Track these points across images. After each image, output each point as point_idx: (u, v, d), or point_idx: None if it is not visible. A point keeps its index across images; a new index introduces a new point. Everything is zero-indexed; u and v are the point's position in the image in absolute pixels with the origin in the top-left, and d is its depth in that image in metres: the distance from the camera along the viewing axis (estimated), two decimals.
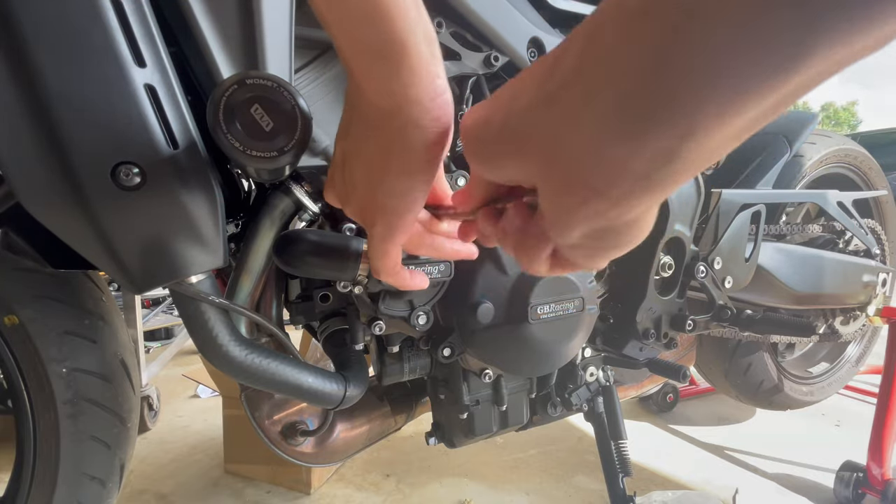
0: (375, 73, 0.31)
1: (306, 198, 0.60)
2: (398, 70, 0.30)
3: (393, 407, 0.86)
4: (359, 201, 0.37)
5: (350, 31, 0.30)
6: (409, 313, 0.66)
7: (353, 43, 0.31)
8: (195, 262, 0.48)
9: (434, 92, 0.31)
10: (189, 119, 0.46)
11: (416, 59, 0.30)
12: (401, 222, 0.35)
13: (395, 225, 0.35)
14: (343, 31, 0.31)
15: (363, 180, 0.35)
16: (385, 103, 0.32)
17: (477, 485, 1.36)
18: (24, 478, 0.72)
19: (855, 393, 1.85)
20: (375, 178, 0.34)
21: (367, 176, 0.35)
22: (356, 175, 0.36)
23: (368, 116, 0.33)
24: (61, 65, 0.40)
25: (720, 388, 1.55)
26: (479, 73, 0.68)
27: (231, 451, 1.43)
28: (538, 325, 0.70)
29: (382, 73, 0.31)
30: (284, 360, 0.57)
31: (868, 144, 1.68)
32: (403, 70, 0.30)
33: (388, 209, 0.35)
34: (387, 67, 0.30)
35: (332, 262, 0.56)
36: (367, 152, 0.34)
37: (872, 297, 1.29)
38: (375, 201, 0.35)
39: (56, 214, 0.44)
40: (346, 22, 0.30)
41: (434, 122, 0.32)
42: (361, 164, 0.35)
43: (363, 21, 0.29)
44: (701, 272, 0.87)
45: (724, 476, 1.42)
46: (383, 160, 0.33)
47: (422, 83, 0.31)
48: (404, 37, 0.29)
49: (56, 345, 0.68)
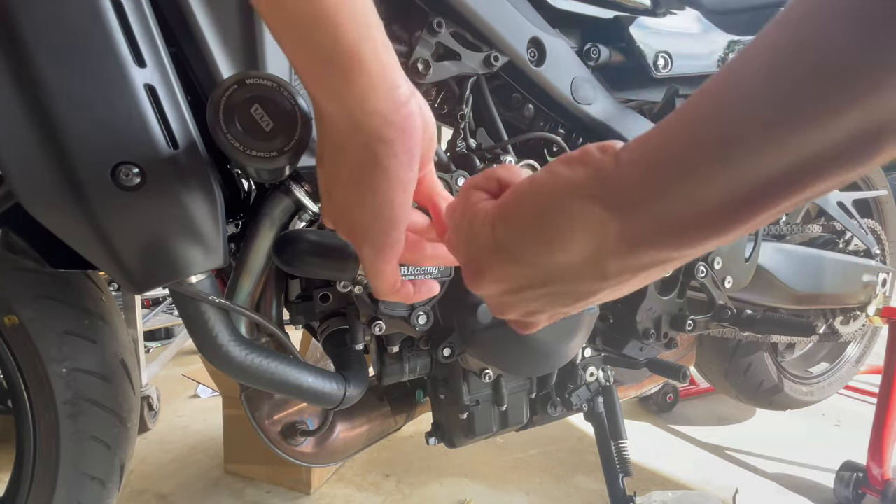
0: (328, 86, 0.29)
1: (306, 198, 0.60)
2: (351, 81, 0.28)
3: (393, 407, 0.86)
4: (345, 225, 0.36)
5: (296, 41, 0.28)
6: (409, 313, 0.66)
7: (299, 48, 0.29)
8: (195, 262, 0.48)
9: (395, 102, 0.30)
10: (189, 119, 0.46)
11: (370, 67, 0.28)
12: (387, 240, 0.34)
13: (381, 244, 0.34)
14: (289, 41, 0.29)
15: (343, 203, 0.34)
16: (345, 120, 0.30)
17: (477, 485, 1.36)
18: (24, 478, 0.72)
19: (855, 393, 1.85)
20: (353, 200, 0.33)
21: (345, 199, 0.34)
22: (336, 199, 0.35)
23: (333, 138, 0.32)
24: (61, 65, 0.40)
25: (720, 388, 1.55)
26: (479, 73, 0.68)
27: (231, 451, 1.43)
28: None
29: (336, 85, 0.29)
30: (284, 360, 0.57)
31: None
32: (358, 80, 0.28)
33: (371, 230, 0.34)
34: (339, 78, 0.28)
35: (332, 262, 0.56)
36: (340, 175, 0.33)
37: (872, 297, 1.29)
38: (358, 223, 0.34)
39: (56, 214, 0.44)
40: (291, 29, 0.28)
41: (400, 133, 0.30)
42: (338, 188, 0.34)
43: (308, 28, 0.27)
44: (701, 272, 0.87)
45: (724, 476, 1.42)
46: (355, 181, 0.32)
47: (379, 94, 0.29)
48: (355, 45, 0.27)
49: (56, 345, 0.68)
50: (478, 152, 0.72)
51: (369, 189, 0.32)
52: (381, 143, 0.30)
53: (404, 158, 0.31)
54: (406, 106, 0.30)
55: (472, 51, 0.66)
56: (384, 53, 0.29)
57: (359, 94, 0.29)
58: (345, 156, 0.32)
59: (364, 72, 0.28)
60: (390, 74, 0.29)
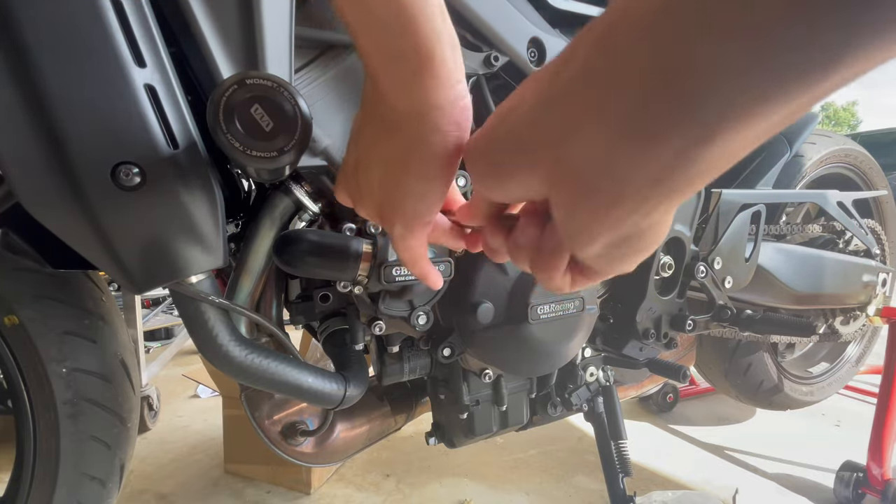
0: (399, 78, 0.30)
1: (306, 198, 0.60)
2: (422, 76, 0.30)
3: (393, 407, 0.86)
4: (375, 202, 0.37)
5: (374, 36, 0.30)
6: (409, 313, 0.66)
7: (377, 48, 0.30)
8: (195, 262, 0.48)
9: (455, 97, 0.31)
10: (189, 119, 0.46)
11: (440, 65, 0.30)
12: (419, 222, 0.35)
13: (413, 225, 0.35)
14: (367, 36, 0.30)
15: (379, 182, 0.35)
16: (406, 107, 0.31)
17: (477, 485, 1.36)
18: (24, 478, 0.72)
19: (855, 393, 1.85)
20: (393, 181, 0.34)
21: (384, 178, 0.35)
22: (372, 177, 0.36)
23: (387, 119, 0.33)
24: (61, 65, 0.40)
25: (720, 388, 1.54)
26: (479, 73, 0.68)
27: (231, 451, 1.43)
28: (538, 326, 0.70)
29: (406, 78, 0.30)
30: (284, 360, 0.57)
31: (868, 144, 1.68)
32: (427, 76, 0.30)
33: (406, 211, 0.35)
34: (411, 73, 0.30)
35: (332, 262, 0.56)
36: (384, 155, 0.34)
37: (872, 297, 1.29)
38: (393, 203, 0.35)
39: (56, 214, 0.44)
40: (371, 26, 0.29)
41: (454, 126, 0.31)
42: (378, 167, 0.35)
43: (389, 27, 0.29)
44: (701, 272, 0.87)
45: (724, 476, 1.42)
46: (402, 163, 0.33)
47: (445, 89, 0.30)
48: (431, 44, 0.29)
49: (56, 345, 0.68)
50: None
51: (415, 173, 0.33)
52: (437, 133, 0.31)
53: (453, 150, 0.32)
54: (463, 100, 0.32)
55: (472, 51, 0.66)
56: (453, 50, 0.30)
57: (427, 89, 0.30)
58: (397, 138, 0.33)
59: (433, 68, 0.30)
60: (455, 71, 0.31)
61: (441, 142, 0.32)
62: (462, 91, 0.31)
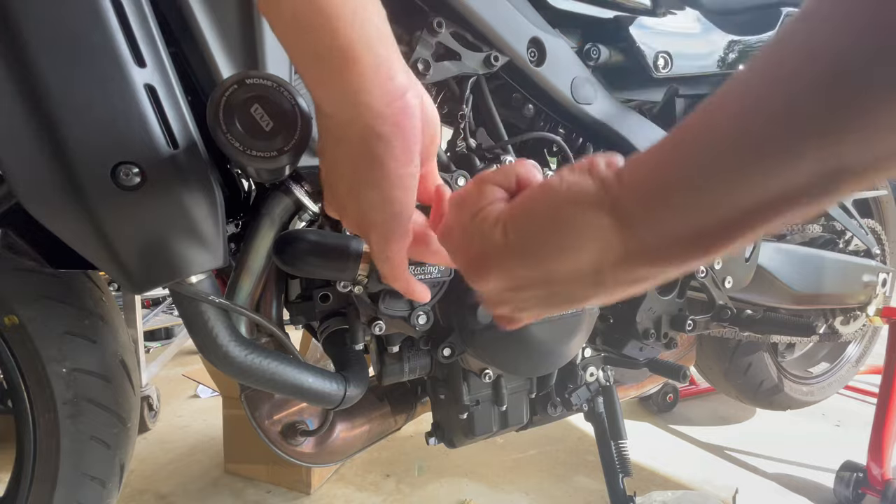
0: (323, 81, 0.29)
1: (306, 198, 0.60)
2: (344, 75, 0.28)
3: (393, 407, 0.86)
4: (351, 215, 0.36)
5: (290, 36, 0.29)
6: (409, 313, 0.66)
7: (295, 47, 0.29)
8: (195, 262, 0.48)
9: (389, 96, 0.29)
10: (189, 119, 0.46)
11: (364, 62, 0.28)
12: (392, 231, 0.34)
13: (387, 234, 0.34)
14: (284, 35, 0.29)
15: (346, 196, 0.35)
16: (340, 113, 0.30)
17: (477, 485, 1.36)
18: (24, 478, 0.72)
19: (855, 393, 1.85)
20: (353, 194, 0.33)
21: (347, 192, 0.34)
22: (339, 191, 0.35)
23: (330, 130, 0.32)
24: (61, 65, 0.40)
25: (720, 388, 1.55)
26: (479, 73, 0.68)
27: (231, 451, 1.43)
28: (538, 325, 0.70)
29: (330, 79, 0.29)
30: (284, 360, 0.57)
31: None
32: (351, 75, 0.28)
33: (373, 221, 0.34)
34: (333, 73, 0.28)
35: (332, 262, 0.56)
36: (339, 168, 0.33)
37: (872, 297, 1.29)
38: (362, 214, 0.34)
39: (56, 214, 0.43)
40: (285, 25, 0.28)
41: (394, 128, 0.30)
42: (339, 181, 0.34)
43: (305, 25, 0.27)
44: (701, 272, 0.87)
45: (724, 476, 1.42)
46: (354, 175, 0.32)
47: (372, 87, 0.29)
48: (348, 40, 0.27)
49: (56, 345, 0.68)
50: (478, 152, 0.72)
51: (368, 184, 0.32)
52: (375, 138, 0.30)
53: (400, 154, 0.31)
54: (401, 99, 0.30)
55: (472, 51, 0.66)
56: (380, 46, 0.29)
57: (351, 88, 0.29)
58: (343, 150, 0.32)
59: (357, 66, 0.28)
60: (384, 67, 0.29)
61: (384, 148, 0.30)
62: (399, 88, 0.30)
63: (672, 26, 0.85)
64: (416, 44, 0.63)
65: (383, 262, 0.37)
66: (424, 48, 0.63)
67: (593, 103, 0.75)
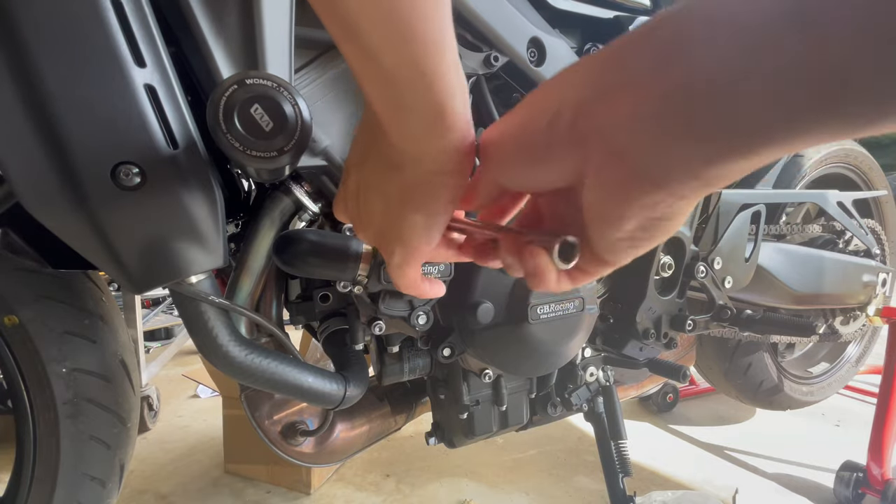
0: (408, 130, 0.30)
1: (306, 198, 0.60)
2: (433, 129, 0.29)
3: (393, 407, 0.86)
4: (375, 230, 0.37)
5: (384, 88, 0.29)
6: (409, 313, 0.66)
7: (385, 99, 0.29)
8: (195, 262, 0.48)
9: (461, 148, 0.31)
10: (189, 119, 0.46)
11: (451, 118, 0.29)
12: (419, 252, 0.35)
13: (412, 254, 0.35)
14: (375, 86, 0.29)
15: (381, 213, 0.35)
16: (413, 151, 0.31)
17: (477, 485, 1.36)
18: (24, 478, 0.72)
19: (855, 393, 1.85)
20: (395, 214, 0.34)
21: (386, 210, 0.35)
22: (373, 207, 0.36)
23: (390, 157, 0.32)
24: (61, 65, 0.40)
25: (720, 388, 1.55)
26: (479, 73, 0.68)
27: (231, 451, 1.43)
28: (538, 326, 0.70)
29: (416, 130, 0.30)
30: (284, 360, 0.57)
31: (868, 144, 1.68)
32: (439, 129, 0.29)
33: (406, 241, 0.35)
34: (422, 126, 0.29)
35: (332, 262, 0.56)
36: (386, 189, 0.34)
37: (872, 297, 1.29)
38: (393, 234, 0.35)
39: (56, 214, 0.43)
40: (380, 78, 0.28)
41: (458, 166, 0.31)
42: (379, 199, 0.35)
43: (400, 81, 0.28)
44: (701, 272, 0.87)
45: (724, 476, 1.42)
46: (404, 200, 0.33)
47: (451, 139, 0.30)
48: (443, 99, 0.28)
49: (56, 345, 0.68)
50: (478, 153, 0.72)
51: (419, 210, 0.33)
52: (441, 176, 0.31)
53: (455, 192, 0.32)
54: (468, 140, 0.31)
55: (472, 51, 0.66)
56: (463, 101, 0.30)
57: (437, 140, 0.30)
58: (398, 175, 0.33)
59: (447, 123, 0.29)
60: (464, 119, 0.30)
61: (445, 184, 0.32)
62: (468, 132, 0.31)
63: None
64: None
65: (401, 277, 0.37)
66: None
67: None
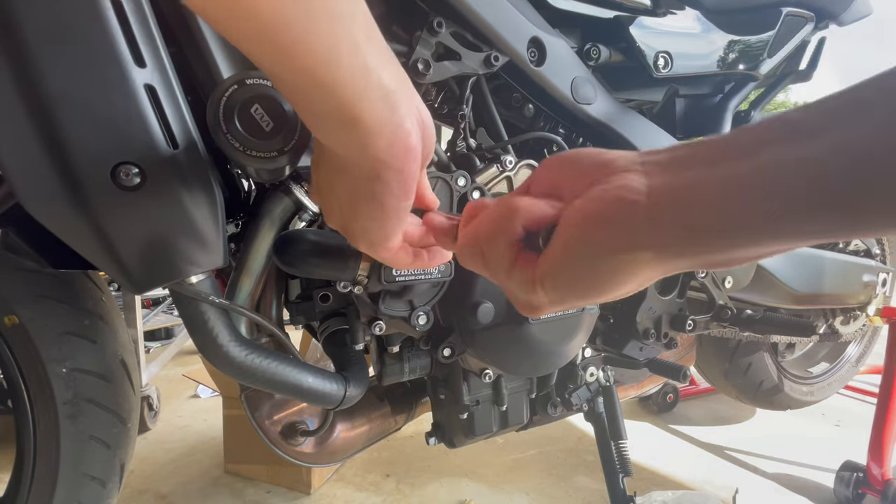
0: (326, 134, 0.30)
1: (306, 198, 0.60)
2: (349, 131, 0.29)
3: (393, 407, 0.86)
4: (339, 222, 0.38)
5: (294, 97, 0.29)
6: (410, 313, 0.66)
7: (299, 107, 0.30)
8: (195, 262, 0.48)
9: (395, 146, 0.30)
10: (189, 119, 0.46)
11: (370, 121, 0.28)
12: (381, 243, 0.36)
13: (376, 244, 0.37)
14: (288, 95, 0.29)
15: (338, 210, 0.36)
16: (344, 155, 0.31)
17: (477, 485, 1.36)
18: (24, 478, 0.72)
19: (855, 393, 1.85)
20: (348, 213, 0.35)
21: (341, 209, 0.36)
22: (332, 203, 0.37)
23: (332, 161, 0.33)
24: (61, 65, 0.40)
25: (720, 388, 1.55)
26: (480, 72, 0.68)
27: (231, 451, 1.43)
28: (538, 326, 0.70)
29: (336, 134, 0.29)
30: (284, 360, 0.57)
31: None
32: (357, 133, 0.29)
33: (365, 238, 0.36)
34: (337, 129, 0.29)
35: (332, 262, 0.56)
36: (338, 191, 0.34)
37: (872, 297, 1.29)
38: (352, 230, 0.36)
39: (56, 214, 0.43)
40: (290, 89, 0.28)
41: (397, 174, 0.31)
42: (335, 198, 0.36)
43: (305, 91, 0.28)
44: (701, 272, 0.87)
45: (724, 476, 1.42)
46: (351, 203, 0.34)
47: (380, 139, 0.29)
48: (354, 105, 0.28)
49: (56, 345, 0.68)
50: (478, 152, 0.72)
51: (364, 214, 0.34)
52: (378, 182, 0.31)
53: (400, 193, 0.32)
54: (405, 143, 0.30)
55: (473, 51, 0.66)
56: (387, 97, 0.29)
57: (361, 143, 0.29)
58: (342, 181, 0.33)
59: (364, 124, 0.28)
60: (392, 118, 0.29)
61: (385, 190, 0.31)
62: (404, 134, 0.30)
63: (672, 26, 0.85)
64: (416, 44, 0.63)
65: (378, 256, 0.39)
66: (424, 48, 0.63)
67: (593, 103, 0.75)
